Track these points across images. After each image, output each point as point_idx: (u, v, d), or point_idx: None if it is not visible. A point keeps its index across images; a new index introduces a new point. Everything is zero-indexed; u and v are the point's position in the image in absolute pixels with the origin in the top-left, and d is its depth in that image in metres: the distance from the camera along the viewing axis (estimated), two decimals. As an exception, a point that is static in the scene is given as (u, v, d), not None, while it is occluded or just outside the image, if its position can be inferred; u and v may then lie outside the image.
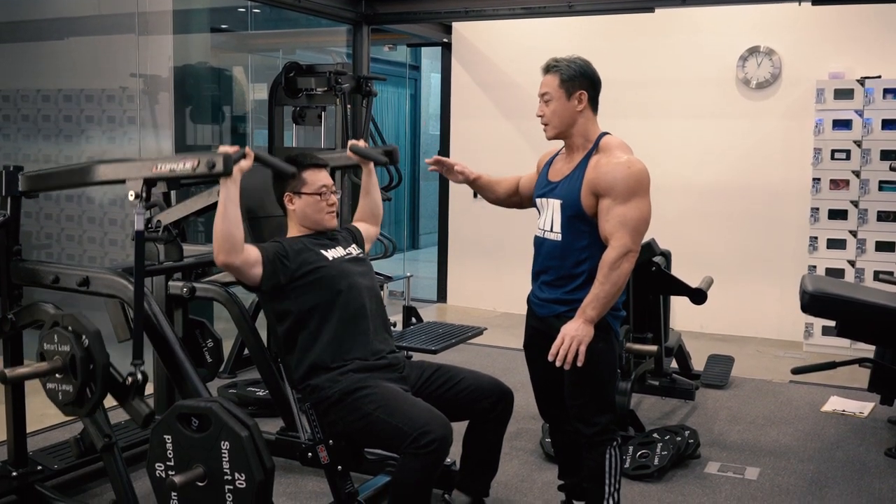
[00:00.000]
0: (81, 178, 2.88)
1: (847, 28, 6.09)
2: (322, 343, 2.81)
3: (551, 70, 2.83)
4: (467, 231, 7.54)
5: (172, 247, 3.37)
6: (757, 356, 5.97)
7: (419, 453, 2.53)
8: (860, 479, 3.72)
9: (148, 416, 2.64)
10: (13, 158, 5.53)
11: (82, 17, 5.63)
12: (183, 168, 2.58)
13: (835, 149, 5.91)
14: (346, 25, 6.58)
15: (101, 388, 2.61)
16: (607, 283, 2.68)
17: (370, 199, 3.32)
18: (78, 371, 2.61)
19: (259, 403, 4.33)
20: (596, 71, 2.86)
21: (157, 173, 2.62)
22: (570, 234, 2.80)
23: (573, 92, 2.79)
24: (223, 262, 2.69)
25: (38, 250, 5.52)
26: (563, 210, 2.81)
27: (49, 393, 2.70)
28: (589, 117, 2.84)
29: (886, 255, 5.81)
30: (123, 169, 2.73)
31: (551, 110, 2.83)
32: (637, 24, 6.41)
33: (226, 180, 2.59)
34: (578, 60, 2.84)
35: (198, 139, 6.10)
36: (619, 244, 2.68)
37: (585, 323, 2.69)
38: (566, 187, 2.81)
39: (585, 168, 2.77)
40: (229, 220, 2.61)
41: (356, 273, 2.94)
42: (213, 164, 2.53)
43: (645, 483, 3.63)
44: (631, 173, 2.70)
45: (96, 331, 2.62)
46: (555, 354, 2.70)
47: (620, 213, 2.69)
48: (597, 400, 2.81)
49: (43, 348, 2.69)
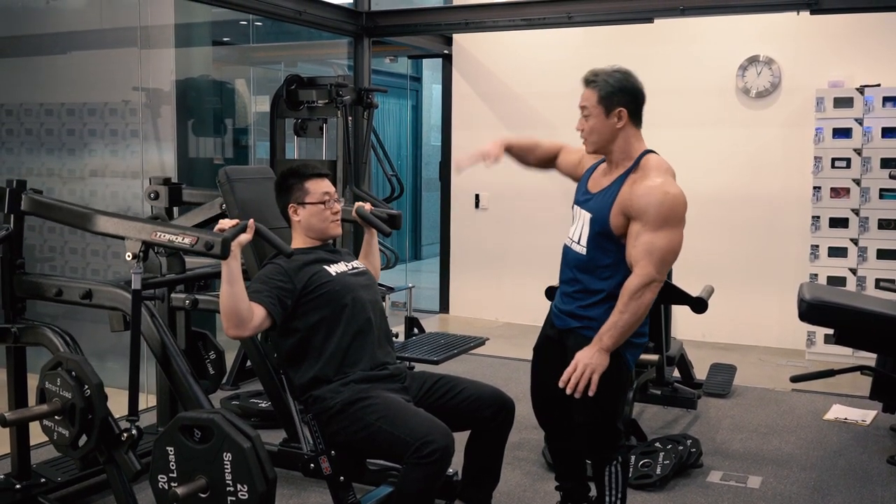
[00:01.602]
0: (82, 224, 2.89)
1: (846, 37, 6.11)
2: (326, 356, 2.82)
3: (590, 84, 2.71)
4: (469, 241, 7.55)
5: (175, 259, 3.39)
6: (759, 365, 5.97)
7: (421, 463, 2.53)
8: (863, 487, 3.72)
9: (137, 473, 2.67)
10: (16, 172, 5.55)
11: (85, 31, 5.67)
12: (181, 242, 2.59)
13: (835, 157, 5.92)
14: (347, 38, 6.61)
15: (95, 440, 2.64)
16: (627, 312, 2.61)
17: (369, 262, 3.27)
18: (76, 420, 2.64)
19: (261, 415, 4.33)
20: (638, 82, 2.73)
21: (156, 240, 2.64)
22: (595, 249, 2.73)
23: (612, 109, 2.67)
24: (235, 336, 2.69)
25: (41, 263, 5.54)
26: (592, 225, 2.73)
27: (45, 430, 2.74)
28: (631, 133, 2.71)
29: (888, 263, 5.81)
30: (124, 227, 2.74)
31: (590, 126, 2.72)
32: (636, 34, 6.43)
33: (226, 260, 2.59)
34: (618, 74, 2.71)
35: (200, 152, 6.13)
36: (643, 273, 2.60)
37: (601, 352, 2.63)
38: (599, 202, 2.73)
39: (621, 186, 2.67)
40: (234, 298, 2.60)
41: (360, 286, 2.95)
42: (210, 245, 2.54)
43: (647, 492, 3.63)
44: (665, 200, 2.60)
45: (99, 383, 2.65)
46: (566, 381, 2.65)
47: (648, 241, 2.60)
48: (601, 425, 2.80)
49: (44, 386, 2.71)
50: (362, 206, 3.26)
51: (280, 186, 2.99)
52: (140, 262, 2.65)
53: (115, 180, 5.36)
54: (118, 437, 2.66)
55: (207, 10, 5.91)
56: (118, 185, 5.35)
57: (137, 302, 2.67)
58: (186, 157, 5.84)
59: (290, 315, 2.82)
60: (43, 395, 2.72)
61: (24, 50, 5.72)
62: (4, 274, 3.10)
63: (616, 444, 2.84)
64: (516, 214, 7.21)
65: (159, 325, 2.84)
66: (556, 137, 3.21)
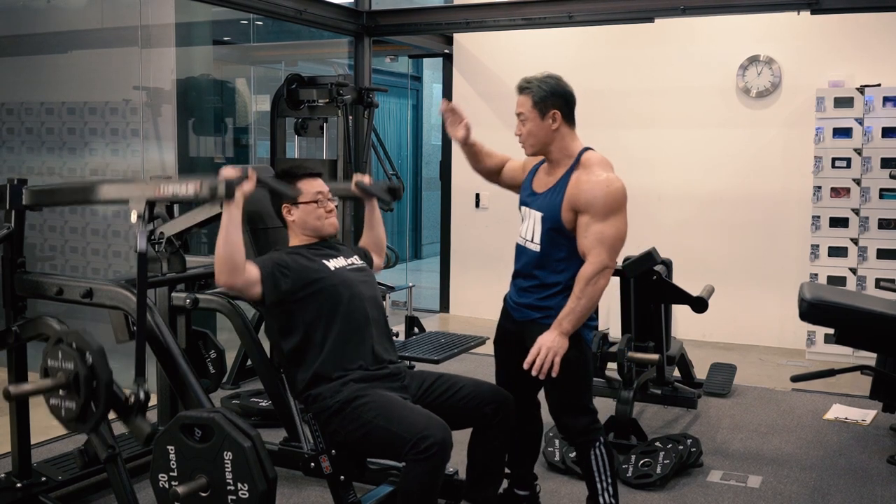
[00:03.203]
0: (85, 196, 2.92)
1: (846, 37, 6.11)
2: (325, 353, 2.82)
3: (524, 91, 2.90)
4: (469, 241, 7.55)
5: (175, 258, 3.38)
6: (759, 364, 5.97)
7: (420, 458, 2.54)
8: (863, 486, 3.72)
9: (149, 436, 2.64)
10: (17, 171, 5.56)
11: (85, 30, 5.67)
12: (185, 192, 2.60)
13: (835, 157, 5.92)
14: (347, 37, 6.61)
15: (103, 406, 2.62)
16: (584, 297, 2.81)
17: (373, 233, 3.34)
18: (81, 388, 2.61)
19: (262, 414, 4.34)
20: (568, 87, 2.92)
21: (160, 196, 2.65)
22: (549, 245, 2.90)
23: (546, 112, 2.86)
24: (225, 283, 2.72)
25: (41, 262, 5.55)
26: (544, 223, 2.90)
27: (52, 409, 2.71)
28: (566, 133, 2.91)
29: (888, 263, 5.81)
30: (127, 189, 2.77)
31: (527, 130, 2.91)
32: (637, 34, 6.43)
33: (228, 204, 2.62)
34: (550, 80, 2.89)
35: (201, 151, 6.13)
36: (597, 260, 2.79)
37: (561, 335, 2.82)
38: (548, 201, 2.90)
39: (567, 184, 2.87)
40: (231, 244, 2.65)
41: (358, 282, 2.96)
42: (215, 189, 2.56)
43: (647, 492, 3.64)
44: (609, 192, 2.79)
45: (100, 348, 2.63)
46: (530, 363, 2.83)
47: (598, 231, 2.79)
48: (574, 404, 2.97)
49: (47, 364, 2.70)
50: (361, 178, 3.29)
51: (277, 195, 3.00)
52: (145, 223, 2.65)
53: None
54: (125, 402, 2.64)
55: (208, 10, 5.91)
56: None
57: (143, 262, 2.67)
58: (187, 156, 5.84)
59: (287, 308, 2.83)
60: (47, 374, 2.71)
61: (25, 49, 5.72)
62: (5, 273, 3.10)
63: (592, 425, 2.99)
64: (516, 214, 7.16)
65: (160, 323, 2.84)
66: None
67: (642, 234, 5.34)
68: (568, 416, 2.98)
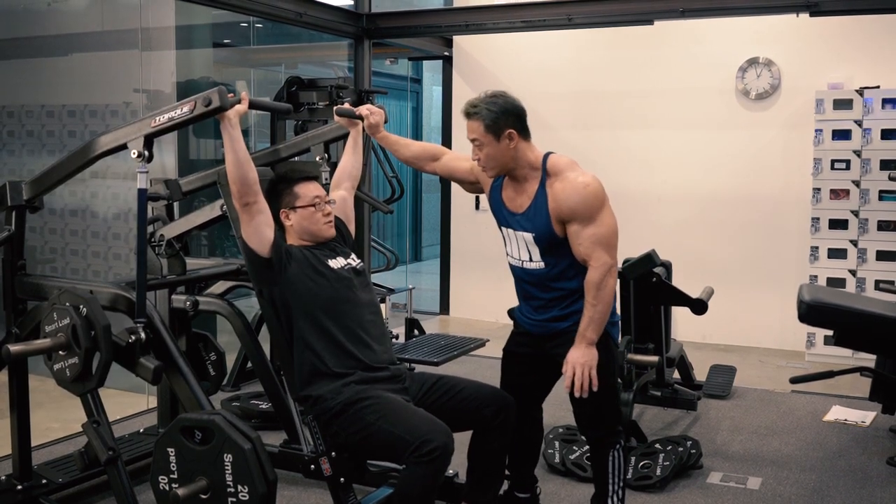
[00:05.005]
0: (84, 157, 2.88)
1: (846, 39, 6.12)
2: (324, 353, 2.82)
3: (472, 116, 2.79)
4: (469, 243, 7.56)
5: (175, 261, 3.39)
6: (759, 366, 5.97)
7: (421, 462, 2.54)
8: (862, 488, 3.73)
9: (157, 370, 2.62)
10: (18, 174, 5.56)
11: (86, 33, 5.68)
12: (181, 113, 2.59)
13: (834, 159, 5.93)
14: (347, 40, 6.62)
15: (106, 352, 2.59)
16: (599, 303, 2.78)
17: (354, 157, 3.29)
18: (80, 339, 2.60)
19: (262, 416, 4.34)
20: (516, 101, 2.83)
21: (157, 126, 2.64)
22: (553, 258, 2.87)
23: (501, 133, 2.77)
24: (245, 204, 2.71)
25: (42, 265, 5.55)
26: (539, 242, 2.86)
27: (57, 375, 2.68)
28: (524, 147, 2.83)
29: (887, 265, 5.82)
30: (123, 133, 2.74)
31: (486, 154, 2.82)
32: (636, 36, 6.44)
33: (226, 124, 2.61)
34: (497, 99, 2.80)
35: (201, 153, 6.14)
36: (599, 263, 2.76)
37: (588, 347, 2.80)
38: (534, 220, 2.85)
39: (546, 198, 2.81)
40: (240, 162, 2.65)
41: (357, 286, 2.96)
42: (209, 101, 2.54)
43: (647, 493, 3.64)
44: (588, 194, 2.75)
45: (92, 297, 2.62)
46: (569, 386, 2.80)
47: (591, 234, 2.76)
48: (603, 407, 2.92)
49: (45, 331, 2.69)
50: (340, 106, 3.25)
51: (270, 193, 2.97)
52: (144, 161, 2.64)
53: (116, 182, 5.37)
54: (127, 347, 2.63)
55: (208, 12, 5.92)
56: (119, 186, 5.35)
57: (143, 202, 2.66)
58: (187, 158, 5.85)
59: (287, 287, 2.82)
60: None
61: (26, 52, 5.73)
62: (6, 275, 3.11)
63: (617, 426, 2.97)
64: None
65: (160, 326, 2.84)
66: (555, 138, 3.25)
67: (642, 236, 5.35)
68: (595, 418, 2.94)
